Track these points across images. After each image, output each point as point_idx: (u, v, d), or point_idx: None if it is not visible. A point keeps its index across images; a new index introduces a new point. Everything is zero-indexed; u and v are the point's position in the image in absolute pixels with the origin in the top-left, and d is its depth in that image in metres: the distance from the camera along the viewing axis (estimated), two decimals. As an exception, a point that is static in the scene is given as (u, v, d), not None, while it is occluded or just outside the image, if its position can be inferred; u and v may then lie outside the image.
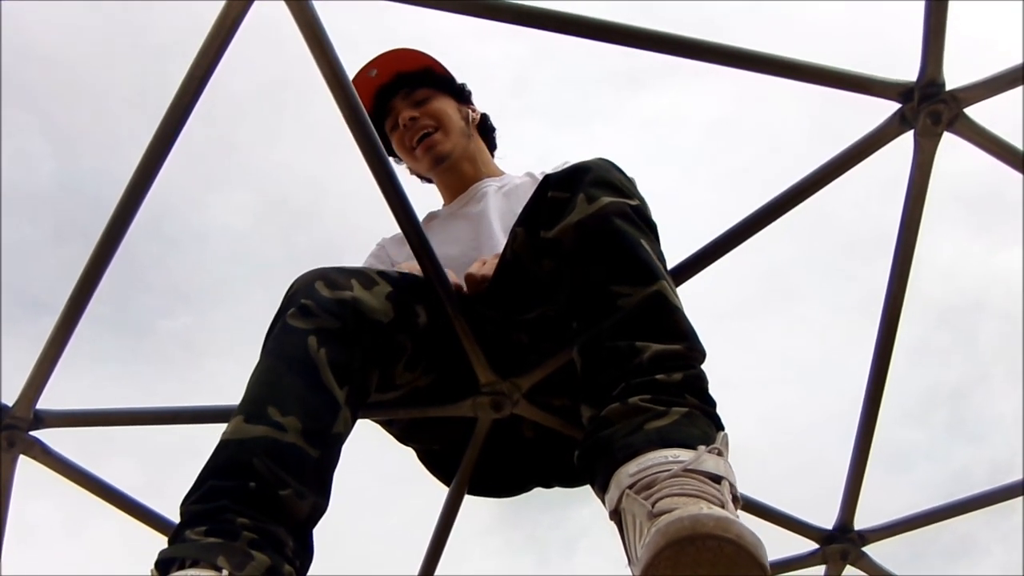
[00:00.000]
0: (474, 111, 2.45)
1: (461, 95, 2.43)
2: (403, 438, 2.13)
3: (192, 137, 1.99)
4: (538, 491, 2.19)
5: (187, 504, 1.40)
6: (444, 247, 2.09)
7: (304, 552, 1.44)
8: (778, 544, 2.60)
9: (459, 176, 2.38)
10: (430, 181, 2.51)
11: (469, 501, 2.25)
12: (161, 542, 2.31)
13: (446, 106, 2.36)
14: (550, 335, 1.84)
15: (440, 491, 2.27)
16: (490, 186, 2.33)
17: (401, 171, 2.30)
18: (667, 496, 1.16)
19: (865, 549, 2.54)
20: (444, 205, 2.45)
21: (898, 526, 2.57)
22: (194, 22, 1.90)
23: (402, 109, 2.33)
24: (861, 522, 2.54)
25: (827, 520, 2.55)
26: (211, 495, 1.38)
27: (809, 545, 2.57)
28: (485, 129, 2.50)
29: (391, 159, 2.44)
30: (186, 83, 1.92)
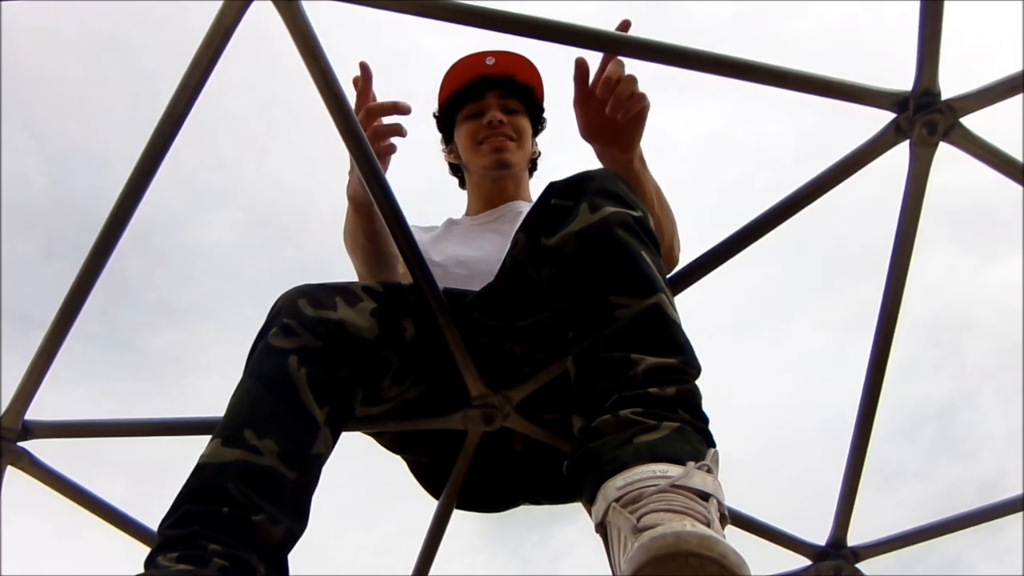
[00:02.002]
0: (536, 146, 2.56)
1: (538, 128, 2.54)
2: (394, 448, 2.12)
3: (182, 153, 1.98)
4: (524, 508, 2.17)
5: (163, 528, 1.40)
6: (467, 249, 2.21)
7: None
8: (770, 560, 2.59)
9: (500, 190, 2.45)
10: (460, 178, 2.60)
11: (456, 519, 2.23)
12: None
13: (528, 129, 2.46)
14: (543, 344, 1.83)
15: (429, 504, 2.25)
16: (524, 209, 2.35)
17: (400, 176, 2.29)
18: (652, 511, 1.15)
19: (859, 566, 2.51)
20: (469, 214, 2.50)
21: (892, 542, 2.54)
22: (187, 40, 1.89)
23: (493, 105, 2.40)
24: (854, 539, 2.52)
25: (820, 536, 2.53)
26: (185, 520, 1.38)
27: (802, 561, 2.54)
28: (534, 165, 2.60)
29: (442, 145, 2.59)
30: (179, 92, 1.90)
